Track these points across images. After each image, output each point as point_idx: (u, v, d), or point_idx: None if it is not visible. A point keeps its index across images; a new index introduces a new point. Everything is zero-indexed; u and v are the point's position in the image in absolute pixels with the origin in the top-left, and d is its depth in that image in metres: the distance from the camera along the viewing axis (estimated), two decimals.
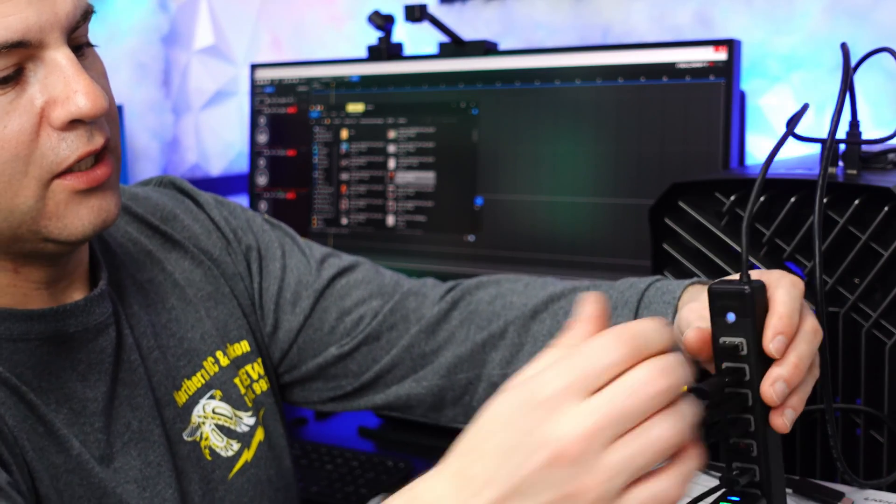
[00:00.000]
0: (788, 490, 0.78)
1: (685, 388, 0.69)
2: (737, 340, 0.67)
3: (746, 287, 0.66)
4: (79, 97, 0.70)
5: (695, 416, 0.55)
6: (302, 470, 1.33)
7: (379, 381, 0.97)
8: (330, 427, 1.57)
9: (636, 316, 0.88)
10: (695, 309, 0.74)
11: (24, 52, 0.68)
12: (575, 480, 0.52)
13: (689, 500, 0.75)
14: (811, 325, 0.68)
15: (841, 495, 0.77)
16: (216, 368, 0.89)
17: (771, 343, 0.65)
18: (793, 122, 0.88)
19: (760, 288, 0.68)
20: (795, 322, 0.67)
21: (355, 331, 0.97)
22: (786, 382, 0.65)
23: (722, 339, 0.67)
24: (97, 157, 0.73)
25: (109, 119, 0.75)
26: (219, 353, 0.89)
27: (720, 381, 0.67)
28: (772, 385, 0.65)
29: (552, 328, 0.92)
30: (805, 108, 0.89)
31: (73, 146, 0.71)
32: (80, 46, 0.73)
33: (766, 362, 0.68)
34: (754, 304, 0.66)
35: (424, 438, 1.48)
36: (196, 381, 0.87)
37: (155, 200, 0.94)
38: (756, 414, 0.67)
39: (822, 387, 0.82)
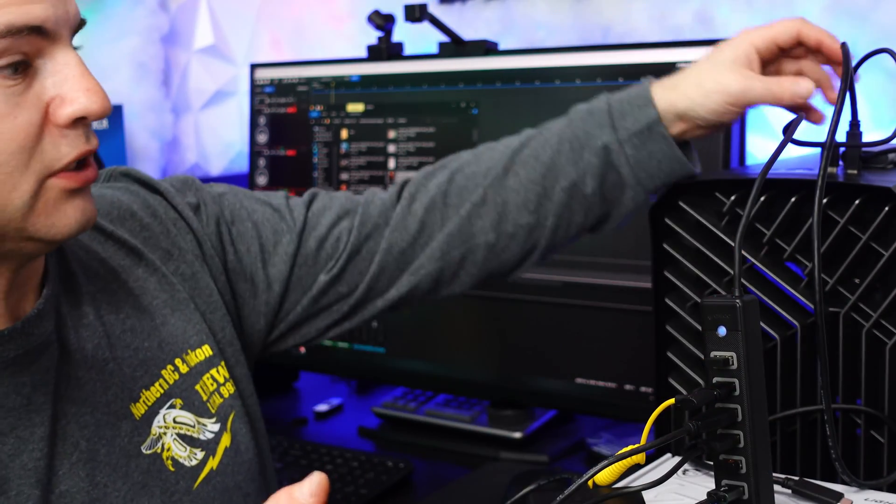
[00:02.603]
0: (787, 490, 0.78)
1: (673, 399, 0.69)
2: (727, 354, 0.67)
3: (738, 301, 0.66)
4: (88, 95, 0.71)
5: None
6: (302, 470, 1.33)
7: (371, 292, 1.01)
8: (330, 427, 1.57)
9: (615, 130, 0.97)
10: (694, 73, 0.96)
11: (38, 42, 0.69)
12: None
13: None
14: None
15: (840, 496, 0.76)
16: (176, 377, 0.87)
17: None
18: (788, 130, 0.89)
19: (752, 302, 0.68)
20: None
21: (337, 252, 1.00)
22: None
23: (713, 353, 0.67)
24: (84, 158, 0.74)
25: None
26: (178, 361, 0.87)
27: (710, 394, 0.67)
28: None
29: (530, 174, 0.99)
30: (799, 119, 0.90)
31: (74, 145, 0.72)
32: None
33: (757, 377, 0.67)
34: (745, 318, 0.66)
35: (424, 438, 1.48)
36: (155, 392, 0.85)
37: (110, 199, 0.91)
38: (745, 430, 0.67)
39: (822, 387, 0.82)
